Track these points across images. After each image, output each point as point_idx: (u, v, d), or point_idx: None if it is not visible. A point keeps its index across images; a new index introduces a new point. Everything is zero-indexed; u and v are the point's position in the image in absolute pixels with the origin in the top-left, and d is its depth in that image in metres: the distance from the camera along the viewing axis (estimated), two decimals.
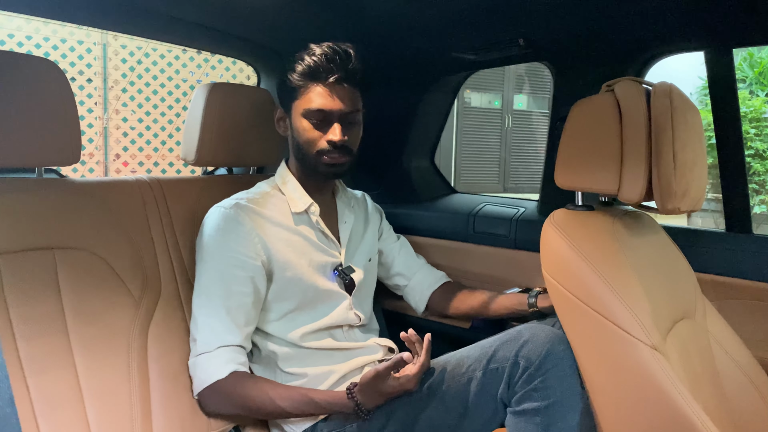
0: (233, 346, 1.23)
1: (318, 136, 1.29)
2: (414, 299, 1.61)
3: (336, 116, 1.28)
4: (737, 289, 1.38)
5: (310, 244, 1.34)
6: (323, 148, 1.29)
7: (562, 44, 1.59)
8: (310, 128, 1.29)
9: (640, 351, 0.94)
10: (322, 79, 1.27)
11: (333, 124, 1.28)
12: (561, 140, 1.13)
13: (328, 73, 1.26)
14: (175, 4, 1.50)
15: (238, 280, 1.24)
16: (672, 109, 1.03)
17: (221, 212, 1.28)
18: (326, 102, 1.27)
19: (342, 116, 1.29)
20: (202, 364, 1.22)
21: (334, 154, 1.29)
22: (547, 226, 1.11)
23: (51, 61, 1.22)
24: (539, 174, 1.78)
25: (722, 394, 1.17)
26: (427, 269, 1.63)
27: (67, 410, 1.11)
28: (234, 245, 1.25)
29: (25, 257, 1.14)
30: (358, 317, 1.39)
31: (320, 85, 1.27)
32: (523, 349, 1.07)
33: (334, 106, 1.27)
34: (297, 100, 1.30)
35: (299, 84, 1.29)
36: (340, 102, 1.28)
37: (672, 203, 1.03)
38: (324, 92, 1.27)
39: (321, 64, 1.26)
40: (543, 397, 1.04)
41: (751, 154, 6.59)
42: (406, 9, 1.50)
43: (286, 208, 1.35)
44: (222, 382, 1.20)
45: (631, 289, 1.00)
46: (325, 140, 1.29)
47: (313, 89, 1.28)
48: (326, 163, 1.30)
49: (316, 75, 1.27)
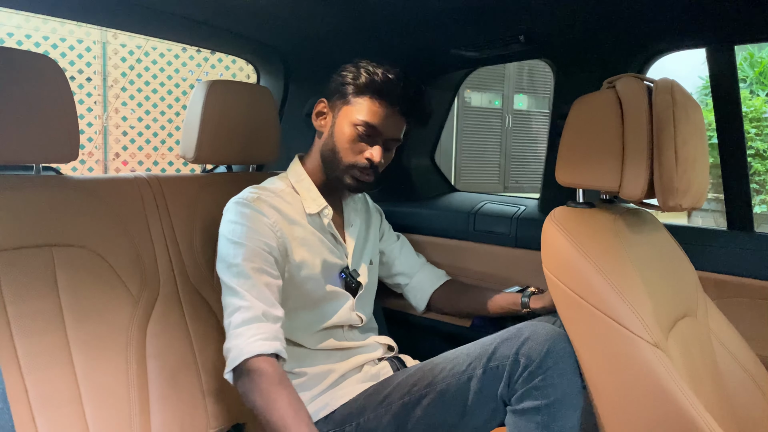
0: (278, 322, 1.16)
1: (358, 150, 1.28)
2: (415, 298, 1.61)
3: (383, 139, 1.28)
4: (739, 287, 1.38)
5: (323, 245, 1.33)
6: (359, 163, 1.28)
7: (563, 41, 1.59)
8: (354, 138, 1.27)
9: (642, 348, 0.94)
10: (388, 99, 1.26)
11: (376, 145, 1.28)
12: (562, 137, 1.13)
13: (399, 101, 1.26)
14: (175, 2, 1.49)
15: (269, 262, 1.20)
16: (674, 106, 1.02)
17: (244, 203, 1.25)
18: (382, 123, 1.26)
19: (388, 140, 1.30)
20: (245, 332, 1.11)
21: (365, 173, 1.29)
22: (548, 224, 1.10)
23: (49, 58, 1.21)
24: (539, 174, 1.77)
25: (724, 391, 1.17)
26: (428, 268, 1.63)
27: (65, 408, 1.10)
28: (260, 233, 1.21)
29: (24, 254, 1.14)
30: (360, 318, 1.39)
31: (385, 102, 1.26)
32: (523, 346, 1.06)
33: (386, 130, 1.27)
34: (350, 105, 1.28)
35: (362, 92, 1.27)
36: (393, 129, 1.29)
37: (674, 200, 1.02)
38: (384, 113, 1.26)
39: (396, 89, 1.26)
40: (543, 395, 1.02)
41: (751, 154, 6.60)
42: (406, 5, 1.49)
43: (300, 207, 1.33)
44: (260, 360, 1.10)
45: (632, 286, 1.00)
46: (363, 156, 1.28)
47: (374, 103, 1.26)
48: (354, 178, 1.29)
49: (385, 95, 1.26)
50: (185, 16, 1.60)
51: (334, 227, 1.37)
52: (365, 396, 1.22)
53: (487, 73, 8.53)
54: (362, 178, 1.30)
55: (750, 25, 1.33)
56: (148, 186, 1.40)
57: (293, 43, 1.85)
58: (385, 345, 1.42)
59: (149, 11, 1.54)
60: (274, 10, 1.57)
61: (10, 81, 1.15)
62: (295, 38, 1.81)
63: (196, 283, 1.38)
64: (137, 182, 1.39)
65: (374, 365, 1.36)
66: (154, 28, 1.74)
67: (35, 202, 1.19)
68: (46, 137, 1.20)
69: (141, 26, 1.71)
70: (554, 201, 1.59)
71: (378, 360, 1.38)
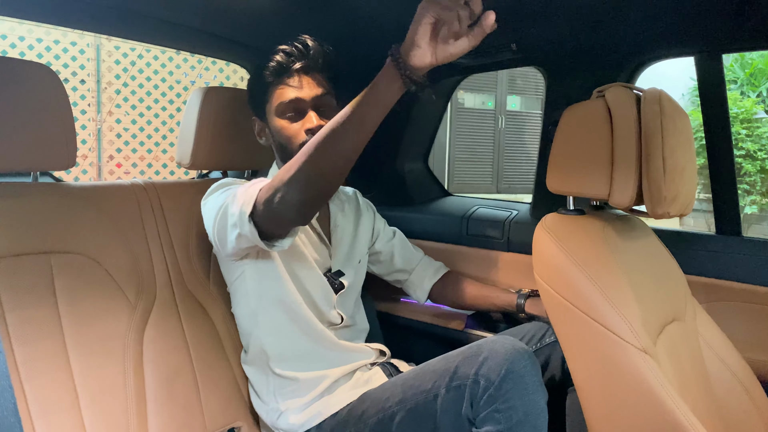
0: None
1: (296, 129, 1.29)
2: (415, 292, 1.62)
3: (308, 104, 1.29)
4: (727, 292, 1.40)
5: (304, 245, 1.34)
6: (304, 140, 1.27)
7: (554, 49, 1.61)
8: (287, 124, 1.29)
9: (631, 354, 0.95)
10: (286, 74, 1.28)
11: (307, 113, 1.29)
12: (553, 145, 1.14)
13: (290, 64, 1.28)
14: (169, 8, 1.50)
15: None
16: (662, 115, 1.04)
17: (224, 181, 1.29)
18: (295, 92, 1.28)
19: (315, 103, 1.29)
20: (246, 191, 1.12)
21: None
22: (538, 231, 1.12)
23: (47, 66, 1.23)
24: (532, 175, 1.79)
25: (712, 395, 1.18)
26: (426, 261, 1.64)
27: (64, 413, 1.11)
28: None
29: (21, 261, 1.15)
30: (340, 316, 1.39)
31: (286, 79, 1.29)
32: (482, 367, 1.04)
33: (303, 93, 1.28)
34: (268, 102, 1.31)
35: (268, 82, 1.30)
36: (308, 89, 1.29)
37: (662, 208, 1.04)
38: (291, 85, 1.29)
39: (282, 60, 1.28)
40: (506, 418, 1.01)
41: (742, 155, 6.63)
42: (398, 13, 1.50)
43: None
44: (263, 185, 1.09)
45: (621, 292, 1.01)
46: (302, 131, 1.28)
47: (281, 86, 1.29)
48: None
49: (280, 71, 1.29)
50: (179, 22, 1.61)
51: (319, 227, 1.38)
52: (348, 409, 1.22)
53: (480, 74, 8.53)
54: None
55: (737, 35, 1.36)
56: (145, 192, 1.41)
57: None
58: (377, 350, 1.42)
59: (143, 18, 1.55)
60: (267, 16, 1.58)
61: (8, 89, 1.16)
62: None
63: (193, 289, 1.39)
64: (134, 189, 1.40)
65: (367, 371, 1.36)
66: (148, 35, 1.75)
67: (33, 209, 1.20)
68: (43, 145, 1.21)
69: (135, 32, 1.71)
70: (546, 205, 1.61)
71: (371, 365, 1.39)
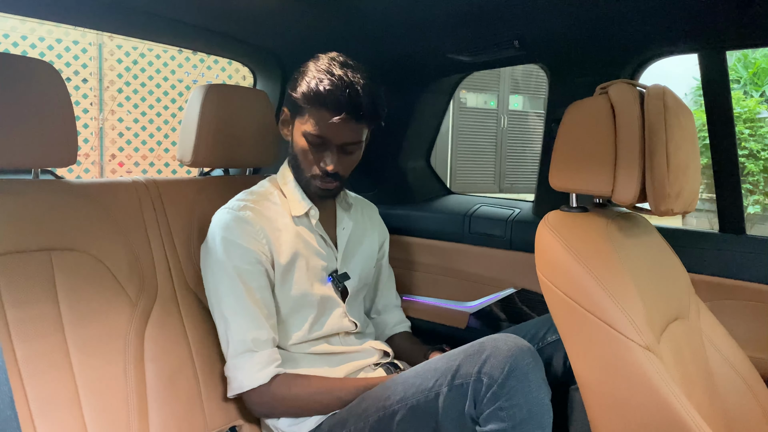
0: (268, 346, 1.25)
1: (312, 161, 1.28)
2: (375, 332, 1.57)
3: (334, 146, 1.26)
4: (730, 290, 1.39)
5: (309, 247, 1.33)
6: (316, 174, 1.29)
7: (556, 46, 1.60)
8: (308, 150, 1.28)
9: (634, 351, 0.95)
10: (333, 110, 1.21)
11: (329, 153, 1.26)
12: (556, 142, 1.14)
13: (345, 107, 1.20)
14: (172, 7, 1.50)
15: (255, 275, 1.25)
16: (665, 112, 1.04)
17: (230, 213, 1.29)
18: (330, 131, 1.24)
19: (343, 146, 1.28)
20: (242, 365, 1.23)
21: (326, 181, 1.29)
22: (541, 228, 1.12)
23: (48, 63, 1.22)
24: (534, 174, 1.79)
25: (715, 394, 1.18)
26: (395, 313, 1.62)
27: (64, 411, 1.11)
28: (246, 243, 1.25)
29: (22, 259, 1.15)
30: (354, 324, 1.38)
31: (324, 113, 1.22)
32: (485, 365, 1.03)
33: (336, 137, 1.25)
34: (300, 116, 1.28)
35: (308, 103, 1.24)
36: (345, 134, 1.25)
37: (665, 205, 1.04)
38: (331, 121, 1.22)
39: (340, 96, 1.20)
40: (509, 416, 0.99)
41: (745, 155, 6.61)
42: (401, 10, 1.50)
43: (287, 209, 1.34)
44: (265, 387, 1.22)
45: (624, 290, 1.01)
46: (317, 167, 1.28)
47: (320, 113, 1.23)
48: (318, 186, 1.31)
49: (329, 104, 1.21)
50: (183, 21, 1.61)
51: (322, 228, 1.37)
52: (348, 408, 1.21)
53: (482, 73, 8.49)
54: (324, 186, 1.30)
55: (741, 32, 1.35)
56: (146, 189, 1.41)
57: (290, 47, 1.86)
58: (381, 350, 1.42)
59: (145, 15, 1.55)
60: (270, 15, 1.58)
61: (10, 86, 1.16)
62: (292, 42, 1.81)
63: (194, 287, 1.39)
64: (135, 186, 1.40)
65: (370, 371, 1.36)
66: (152, 33, 1.75)
67: (34, 206, 1.20)
68: (44, 142, 1.21)
69: (137, 30, 1.71)
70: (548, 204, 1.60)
71: (374, 366, 1.38)
